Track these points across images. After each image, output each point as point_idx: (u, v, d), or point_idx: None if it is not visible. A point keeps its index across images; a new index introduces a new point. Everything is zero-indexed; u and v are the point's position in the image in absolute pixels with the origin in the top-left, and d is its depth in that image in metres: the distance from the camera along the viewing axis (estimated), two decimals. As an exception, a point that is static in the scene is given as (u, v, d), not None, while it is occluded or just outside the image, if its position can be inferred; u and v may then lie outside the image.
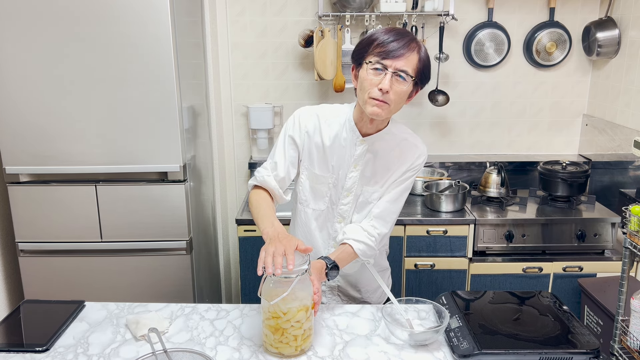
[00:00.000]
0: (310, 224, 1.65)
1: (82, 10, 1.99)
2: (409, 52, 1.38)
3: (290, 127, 1.59)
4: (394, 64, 1.38)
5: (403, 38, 1.39)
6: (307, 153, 1.58)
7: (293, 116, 1.59)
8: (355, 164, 1.56)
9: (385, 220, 1.59)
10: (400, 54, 1.37)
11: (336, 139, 1.55)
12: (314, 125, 1.56)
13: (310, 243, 1.66)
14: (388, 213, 1.59)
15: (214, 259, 2.83)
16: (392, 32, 1.41)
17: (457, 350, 1.33)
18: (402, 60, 1.38)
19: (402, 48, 1.38)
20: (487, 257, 2.54)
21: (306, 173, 1.61)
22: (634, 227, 1.30)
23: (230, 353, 1.36)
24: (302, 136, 1.57)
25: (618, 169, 2.66)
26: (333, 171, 1.57)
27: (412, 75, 1.40)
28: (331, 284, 1.73)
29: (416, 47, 1.40)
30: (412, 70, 1.40)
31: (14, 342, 1.40)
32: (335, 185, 1.59)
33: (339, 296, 1.76)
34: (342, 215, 1.62)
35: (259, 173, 1.60)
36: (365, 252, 1.56)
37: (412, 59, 1.39)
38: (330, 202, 1.61)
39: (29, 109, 2.08)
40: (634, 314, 1.30)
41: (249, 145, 3.04)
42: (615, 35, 2.66)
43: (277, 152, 1.60)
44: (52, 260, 2.24)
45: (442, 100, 2.89)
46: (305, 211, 1.65)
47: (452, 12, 2.68)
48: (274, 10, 2.84)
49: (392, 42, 1.38)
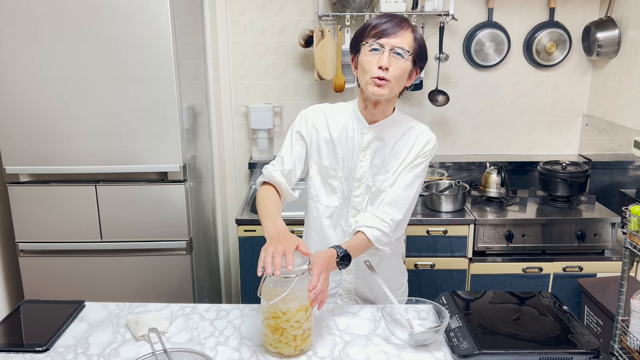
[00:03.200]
0: (323, 222, 1.64)
1: (82, 10, 1.99)
2: (402, 31, 1.45)
3: (297, 124, 1.62)
4: (390, 42, 1.44)
5: (395, 18, 1.47)
6: (315, 147, 1.60)
7: (299, 114, 1.63)
8: (364, 153, 1.56)
9: (398, 206, 1.55)
10: (394, 32, 1.44)
11: (343, 130, 1.58)
12: (320, 119, 1.60)
13: (324, 241, 1.65)
14: (400, 199, 1.55)
15: (214, 259, 2.83)
16: (384, 15, 1.49)
17: (457, 350, 1.33)
18: (397, 38, 1.44)
19: (395, 27, 1.45)
20: (487, 257, 2.54)
21: (316, 167, 1.62)
22: (634, 227, 1.30)
23: (230, 353, 1.36)
24: (309, 131, 1.60)
25: (618, 169, 2.66)
26: (343, 163, 1.58)
27: (409, 50, 1.45)
28: (347, 286, 1.70)
29: (409, 27, 1.47)
30: (409, 46, 1.45)
31: (14, 342, 1.40)
32: (347, 179, 1.59)
33: (356, 300, 1.72)
34: (356, 207, 1.61)
35: (266, 169, 1.62)
36: (380, 239, 1.51)
37: (407, 37, 1.45)
38: (343, 197, 1.61)
39: (29, 109, 2.08)
40: (634, 314, 1.30)
41: (249, 145, 3.04)
42: (615, 35, 2.66)
43: (284, 148, 1.62)
44: (52, 260, 2.25)
45: (442, 100, 2.88)
46: (317, 207, 1.64)
47: (452, 12, 2.68)
48: (274, 10, 2.84)
49: (385, 22, 1.46)
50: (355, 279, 1.69)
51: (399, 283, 1.79)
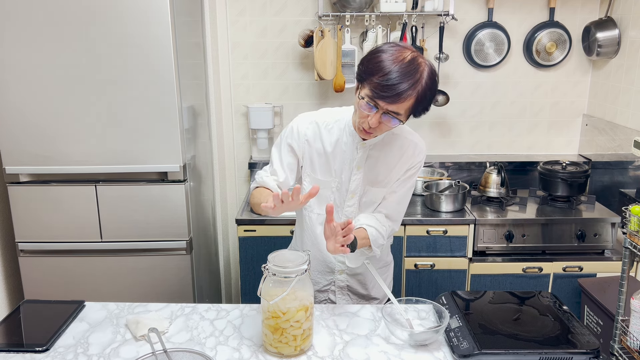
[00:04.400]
0: (316, 229, 1.66)
1: (82, 10, 1.99)
2: (404, 99, 1.33)
3: (288, 134, 1.60)
4: (387, 107, 1.35)
5: (406, 80, 1.31)
6: (308, 160, 1.60)
7: (291, 125, 1.60)
8: (358, 167, 1.57)
9: (394, 219, 1.64)
10: (395, 100, 1.33)
11: (337, 144, 1.57)
12: (313, 132, 1.58)
13: (317, 249, 1.68)
14: (396, 213, 1.64)
15: (214, 259, 2.83)
16: (398, 70, 1.31)
17: (457, 350, 1.33)
18: (395, 105, 1.34)
19: (400, 94, 1.31)
20: (487, 257, 2.54)
21: (308, 179, 1.62)
22: (634, 227, 1.30)
23: (230, 353, 1.36)
24: (301, 144, 1.58)
25: (618, 169, 2.66)
26: (336, 175, 1.59)
27: (403, 116, 1.38)
28: (340, 284, 1.73)
29: (418, 88, 1.33)
30: (405, 111, 1.37)
31: (14, 342, 1.40)
32: (338, 189, 1.60)
33: (349, 295, 1.76)
34: (348, 216, 1.63)
35: (258, 175, 1.63)
36: (377, 240, 1.54)
37: (408, 103, 1.35)
38: (334, 205, 1.62)
39: (29, 109, 2.08)
40: (634, 314, 1.30)
41: (249, 145, 3.04)
42: (615, 35, 2.66)
43: (274, 158, 1.61)
44: (52, 260, 2.24)
45: (442, 100, 2.89)
46: (310, 216, 1.66)
47: (452, 12, 2.68)
48: (274, 10, 2.84)
49: (393, 85, 1.30)
50: (347, 278, 1.73)
51: (383, 276, 1.78)
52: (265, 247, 2.52)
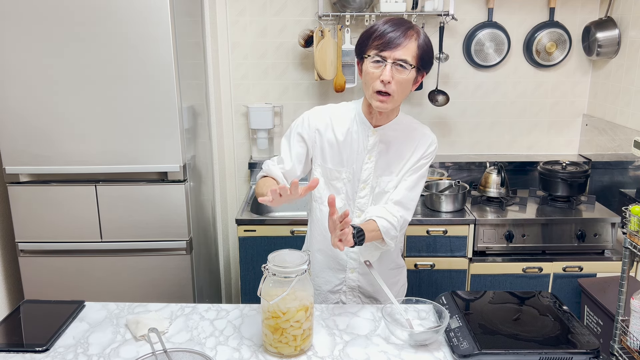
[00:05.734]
0: (325, 223, 1.64)
1: (82, 10, 1.99)
2: (406, 41, 1.42)
3: (299, 125, 1.62)
4: (393, 55, 1.41)
5: (400, 27, 1.42)
6: (319, 150, 1.61)
7: (302, 116, 1.63)
8: (370, 155, 1.58)
9: (406, 207, 1.59)
10: (398, 44, 1.41)
11: (348, 133, 1.58)
12: (325, 123, 1.60)
13: (328, 242, 1.62)
14: (407, 200, 1.59)
15: (214, 259, 2.83)
16: (390, 22, 1.44)
17: (457, 350, 1.33)
18: (400, 50, 1.41)
19: (399, 38, 1.41)
20: (487, 257, 2.54)
21: (319, 170, 1.63)
22: (634, 227, 1.30)
23: (230, 353, 1.36)
24: (311, 134, 1.60)
25: (618, 169, 2.66)
26: (347, 165, 1.59)
27: (412, 63, 1.43)
28: (351, 284, 1.71)
29: (414, 35, 1.43)
30: (412, 58, 1.43)
31: (14, 342, 1.40)
32: (350, 180, 1.60)
33: (360, 297, 1.74)
34: (361, 208, 1.62)
35: (265, 164, 1.65)
36: (388, 231, 1.51)
37: (411, 47, 1.42)
38: (346, 198, 1.62)
39: (29, 109, 2.08)
40: (634, 314, 1.30)
41: (249, 145, 3.04)
42: (615, 35, 2.66)
43: (283, 147, 1.63)
44: (52, 260, 2.24)
45: (442, 100, 2.88)
46: (320, 209, 1.66)
47: (452, 12, 2.68)
48: (274, 10, 2.84)
49: (389, 33, 1.42)
50: (358, 277, 1.71)
51: (395, 278, 1.79)
52: (265, 247, 2.52)
